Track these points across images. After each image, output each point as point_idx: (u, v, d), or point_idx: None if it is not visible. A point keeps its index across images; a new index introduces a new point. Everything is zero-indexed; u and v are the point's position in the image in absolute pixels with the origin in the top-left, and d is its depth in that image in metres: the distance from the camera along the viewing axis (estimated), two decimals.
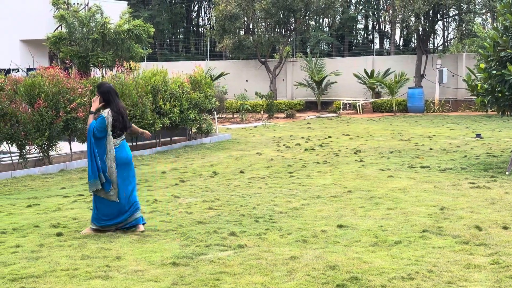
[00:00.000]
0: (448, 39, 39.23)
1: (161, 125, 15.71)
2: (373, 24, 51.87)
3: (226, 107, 27.44)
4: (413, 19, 29.55)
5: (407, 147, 15.75)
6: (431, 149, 15.22)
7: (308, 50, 39.73)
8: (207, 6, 55.68)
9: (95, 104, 7.60)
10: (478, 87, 12.46)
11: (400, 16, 30.18)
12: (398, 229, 7.35)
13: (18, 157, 12.97)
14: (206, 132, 18.32)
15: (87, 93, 13.95)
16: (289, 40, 34.29)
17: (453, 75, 29.43)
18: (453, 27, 35.94)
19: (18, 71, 21.59)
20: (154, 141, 16.56)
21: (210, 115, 19.80)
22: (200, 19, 58.26)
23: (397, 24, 34.44)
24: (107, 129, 7.48)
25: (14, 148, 13.03)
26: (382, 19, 39.53)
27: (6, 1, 24.63)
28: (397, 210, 8.46)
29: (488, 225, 7.45)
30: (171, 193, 10.12)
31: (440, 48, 34.48)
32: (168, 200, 9.57)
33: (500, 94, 11.93)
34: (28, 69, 21.84)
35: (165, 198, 9.72)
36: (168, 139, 17.27)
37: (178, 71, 18.26)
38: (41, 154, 13.38)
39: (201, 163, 13.90)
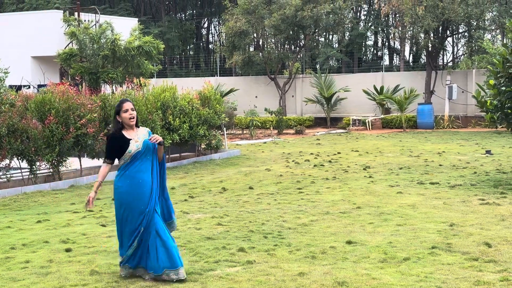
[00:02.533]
0: (458, 56, 39.21)
1: (170, 141, 15.78)
2: (382, 40, 52.02)
3: (235, 123, 27.51)
4: (422, 35, 29.58)
5: (416, 163, 15.71)
6: (440, 165, 15.18)
7: (317, 66, 39.82)
8: (217, 23, 56.08)
9: None
10: (488, 104, 12.44)
11: (409, 33, 30.23)
12: (407, 246, 7.33)
13: (28, 173, 13.04)
14: (215, 148, 18.37)
15: (97, 109, 14.06)
16: (299, 56, 34.39)
17: (462, 92, 29.39)
18: (463, 44, 35.97)
19: (29, 87, 21.75)
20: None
21: (220, 131, 19.86)
22: (210, 36, 58.66)
23: (406, 41, 34.47)
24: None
25: (24, 164, 13.10)
26: (392, 35, 39.59)
27: (18, 18, 24.89)
28: (406, 226, 8.43)
29: (498, 242, 7.41)
30: (180, 209, 10.13)
31: (450, 64, 34.40)
32: (177, 216, 9.55)
33: (509, 111, 11.92)
34: (39, 85, 22.03)
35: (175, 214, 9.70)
36: (178, 155, 17.33)
37: (188, 87, 18.36)
38: (51, 170, 13.44)
39: (210, 179, 13.92)
